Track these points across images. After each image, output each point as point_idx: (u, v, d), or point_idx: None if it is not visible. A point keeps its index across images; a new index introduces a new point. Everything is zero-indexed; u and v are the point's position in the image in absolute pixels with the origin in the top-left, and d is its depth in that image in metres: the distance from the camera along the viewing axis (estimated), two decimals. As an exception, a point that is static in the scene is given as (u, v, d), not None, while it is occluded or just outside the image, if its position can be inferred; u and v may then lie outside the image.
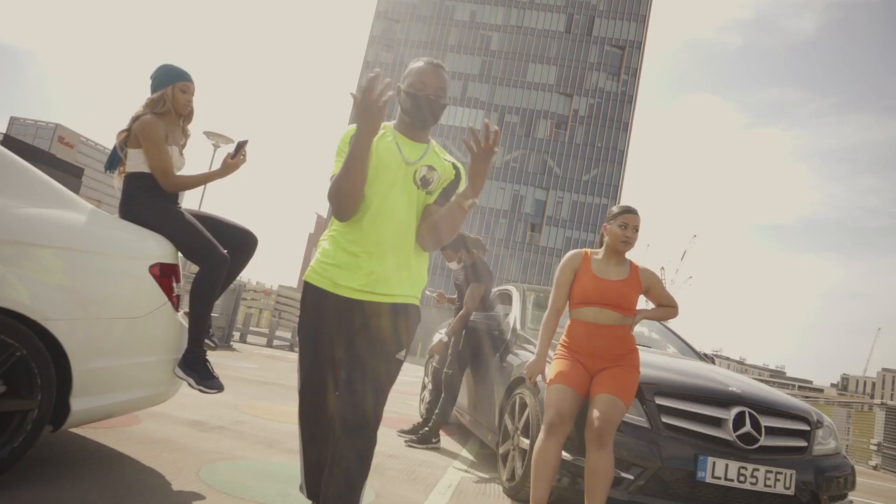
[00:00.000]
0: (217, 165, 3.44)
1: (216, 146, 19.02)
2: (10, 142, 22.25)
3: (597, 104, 65.20)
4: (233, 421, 4.29)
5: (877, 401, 11.73)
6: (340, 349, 2.04)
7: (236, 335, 11.78)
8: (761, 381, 4.75)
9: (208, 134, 18.74)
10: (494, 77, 66.84)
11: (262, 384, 6.64)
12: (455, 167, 2.16)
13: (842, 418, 12.98)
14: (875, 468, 10.31)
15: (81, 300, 2.34)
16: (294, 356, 11.04)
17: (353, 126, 1.96)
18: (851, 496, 3.45)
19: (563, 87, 65.97)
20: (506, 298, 5.41)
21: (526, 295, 4.99)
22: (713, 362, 4.85)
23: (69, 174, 22.20)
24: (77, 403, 2.35)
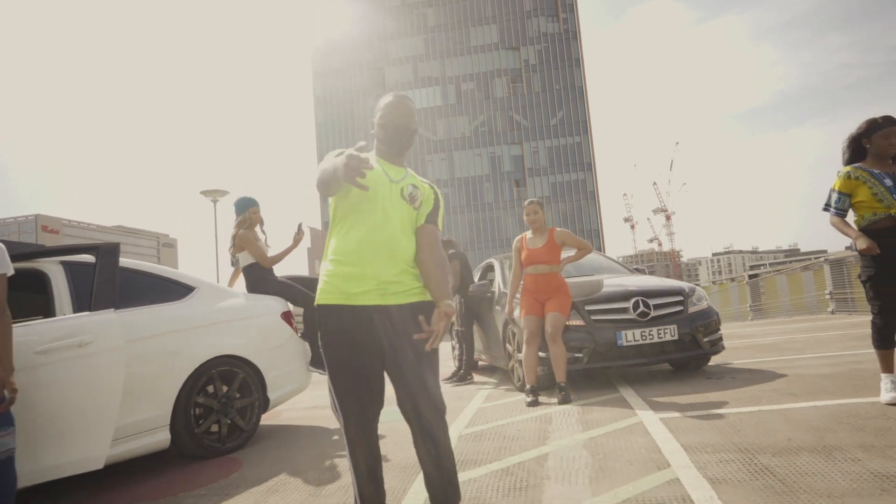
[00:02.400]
0: (220, 214, 5.54)
1: (214, 201, 20.94)
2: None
3: (544, 49, 66.48)
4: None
5: (821, 259, 13.76)
6: (375, 358, 2.13)
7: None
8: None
9: (205, 192, 20.67)
10: (440, 51, 68.06)
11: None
12: (433, 190, 2.34)
13: (810, 280, 15.08)
14: (832, 313, 12.42)
15: (261, 340, 4.40)
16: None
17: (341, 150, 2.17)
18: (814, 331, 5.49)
19: (508, 43, 67.20)
20: (490, 267, 7.44)
21: (503, 263, 7.02)
22: (644, 272, 6.90)
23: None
24: (272, 395, 4.42)
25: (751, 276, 17.73)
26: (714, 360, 6.15)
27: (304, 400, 6.61)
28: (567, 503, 2.53)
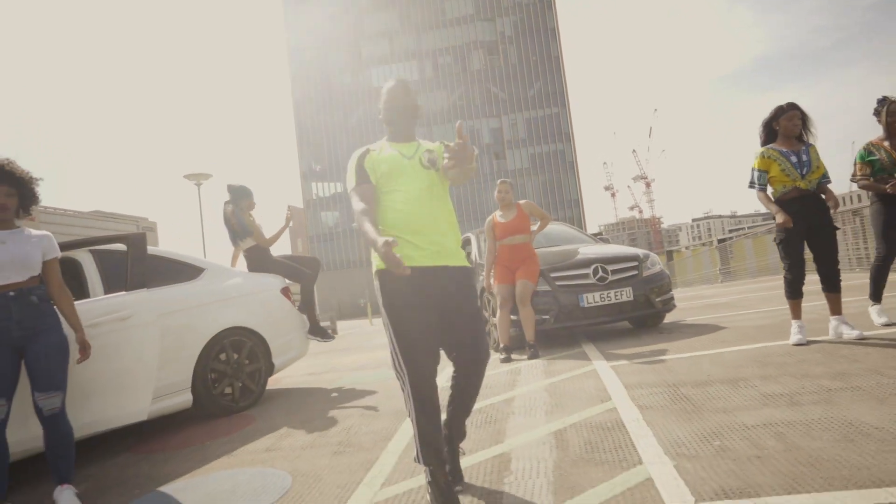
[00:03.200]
0: (204, 197, 6.23)
1: (198, 185, 21.26)
2: None
3: (520, 20, 66.39)
4: (326, 369, 7.02)
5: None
6: (432, 312, 2.34)
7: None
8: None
9: (188, 177, 20.98)
10: (416, 25, 67.69)
11: (328, 352, 9.39)
12: (443, 145, 2.51)
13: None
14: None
15: (264, 313, 5.00)
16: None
17: (361, 149, 2.52)
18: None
19: (483, 14, 66.98)
20: (467, 241, 8.06)
21: (479, 237, 7.64)
22: (607, 241, 7.56)
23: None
24: (276, 361, 5.03)
25: (720, 241, 18.54)
26: (669, 318, 6.86)
27: (301, 368, 7.25)
28: (526, 429, 3.18)
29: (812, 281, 4.74)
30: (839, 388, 3.07)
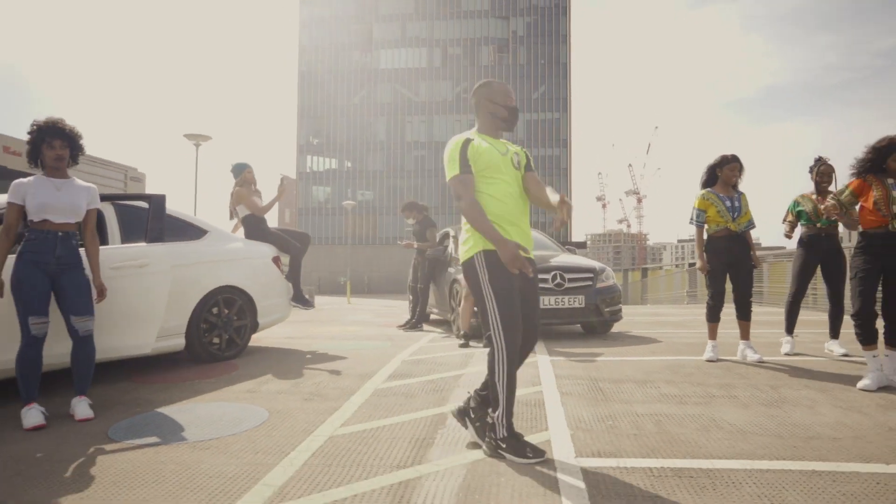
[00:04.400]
0: (202, 158, 7.27)
1: (197, 145, 21.67)
2: None
3: (533, 22, 66.88)
4: (304, 336, 7.66)
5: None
6: (520, 294, 2.69)
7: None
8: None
9: (188, 136, 21.36)
10: (430, 12, 67.92)
11: (307, 322, 10.02)
12: (523, 150, 2.86)
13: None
14: (749, 302, 14.08)
15: (255, 277, 5.62)
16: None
17: (462, 136, 2.72)
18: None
19: (498, 11, 67.37)
20: (446, 236, 8.72)
21: (458, 232, 8.30)
22: (574, 252, 8.25)
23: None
24: (261, 320, 5.67)
25: (690, 265, 19.36)
26: (617, 328, 7.57)
27: (281, 332, 7.88)
28: (464, 399, 3.85)
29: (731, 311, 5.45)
30: (721, 395, 3.78)
